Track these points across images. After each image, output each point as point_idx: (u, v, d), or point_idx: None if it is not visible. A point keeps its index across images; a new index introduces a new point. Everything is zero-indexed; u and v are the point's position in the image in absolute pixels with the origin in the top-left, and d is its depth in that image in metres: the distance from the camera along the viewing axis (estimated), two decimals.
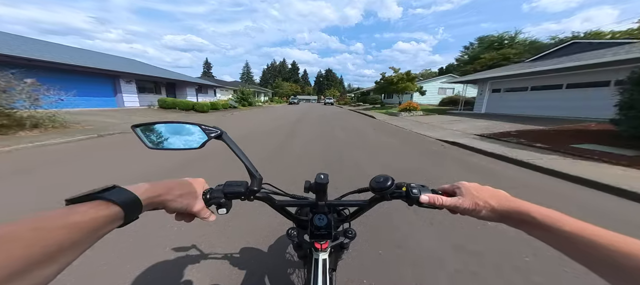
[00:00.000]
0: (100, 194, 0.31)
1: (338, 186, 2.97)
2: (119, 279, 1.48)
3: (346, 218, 0.72)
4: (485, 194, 0.45)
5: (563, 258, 0.36)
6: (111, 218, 0.30)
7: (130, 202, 0.33)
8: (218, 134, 0.53)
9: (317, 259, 0.64)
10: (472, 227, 2.08)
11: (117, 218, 0.31)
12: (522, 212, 0.39)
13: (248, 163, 0.54)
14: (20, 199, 2.58)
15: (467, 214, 0.46)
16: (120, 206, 0.31)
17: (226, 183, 0.54)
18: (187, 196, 0.45)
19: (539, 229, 0.37)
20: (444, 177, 3.57)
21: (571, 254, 0.34)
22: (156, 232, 1.95)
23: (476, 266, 1.65)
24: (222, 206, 0.52)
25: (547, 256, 1.71)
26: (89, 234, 0.27)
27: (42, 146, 5.12)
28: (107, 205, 0.30)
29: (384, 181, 0.53)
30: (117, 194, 0.32)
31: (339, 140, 6.55)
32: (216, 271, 1.57)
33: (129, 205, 0.32)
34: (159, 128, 0.54)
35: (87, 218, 0.27)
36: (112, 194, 0.32)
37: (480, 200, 0.44)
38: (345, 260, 1.65)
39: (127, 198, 0.33)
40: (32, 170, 3.55)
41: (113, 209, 0.31)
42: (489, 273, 1.59)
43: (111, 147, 5.50)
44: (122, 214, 0.32)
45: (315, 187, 0.59)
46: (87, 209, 0.28)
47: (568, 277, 1.55)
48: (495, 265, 1.66)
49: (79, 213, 0.27)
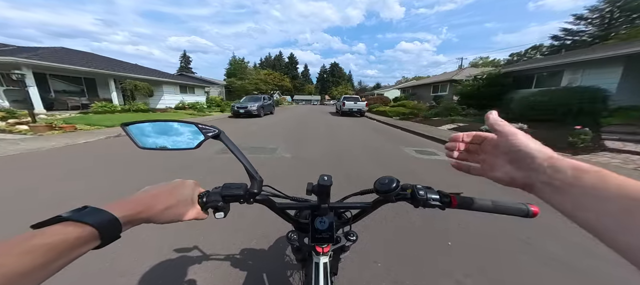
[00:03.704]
0: (70, 215, 0.30)
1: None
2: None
3: (348, 221, 0.70)
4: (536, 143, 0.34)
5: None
6: (83, 239, 0.29)
7: (104, 222, 0.31)
8: (216, 134, 0.51)
9: (317, 263, 0.63)
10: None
11: (90, 239, 0.30)
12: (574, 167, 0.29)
13: (247, 164, 0.53)
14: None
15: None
16: (93, 227, 0.30)
17: (224, 185, 0.52)
18: (177, 206, 0.43)
19: (559, 182, 0.28)
20: None
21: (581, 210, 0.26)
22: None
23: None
24: (219, 210, 0.50)
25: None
26: (57, 256, 0.26)
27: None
28: (77, 226, 0.29)
29: (389, 183, 0.51)
30: (89, 214, 0.31)
31: None
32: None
33: (103, 225, 0.31)
34: (151, 126, 0.51)
35: (54, 240, 0.27)
36: (83, 214, 0.31)
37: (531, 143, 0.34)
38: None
39: (101, 218, 0.31)
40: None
41: (85, 230, 0.29)
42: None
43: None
44: (96, 235, 0.30)
45: (318, 189, 0.57)
46: (55, 231, 0.28)
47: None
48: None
49: (43, 236, 0.27)
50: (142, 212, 0.37)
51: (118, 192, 2.81)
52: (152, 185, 0.44)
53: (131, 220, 0.35)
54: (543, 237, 2.03)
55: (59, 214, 0.30)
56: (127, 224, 0.35)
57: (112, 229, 0.32)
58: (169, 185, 0.45)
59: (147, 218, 0.38)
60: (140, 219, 0.37)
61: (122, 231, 0.34)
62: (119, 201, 0.36)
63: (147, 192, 0.41)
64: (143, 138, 0.51)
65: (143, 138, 0.51)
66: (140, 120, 0.50)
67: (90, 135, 6.55)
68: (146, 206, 0.38)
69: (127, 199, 0.37)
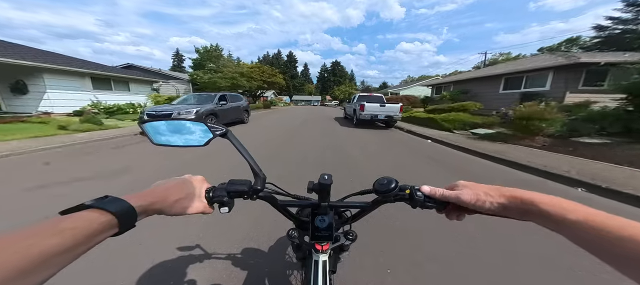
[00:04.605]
0: (93, 203, 0.33)
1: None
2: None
3: (347, 220, 0.72)
4: (484, 187, 0.44)
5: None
6: (105, 225, 0.31)
7: (123, 210, 0.34)
8: (223, 132, 0.54)
9: (317, 261, 0.64)
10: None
11: (110, 226, 0.32)
12: (526, 200, 0.38)
13: (252, 162, 0.54)
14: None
15: (470, 207, 0.44)
16: (113, 214, 0.32)
17: (230, 181, 0.54)
18: (186, 199, 0.46)
19: (545, 218, 0.35)
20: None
21: (580, 242, 0.32)
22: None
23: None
24: (224, 205, 0.52)
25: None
26: (83, 240, 0.28)
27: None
28: (100, 214, 0.32)
29: (387, 183, 0.52)
30: (110, 203, 0.34)
31: None
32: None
33: (122, 213, 0.34)
34: (165, 125, 0.55)
35: (79, 225, 0.29)
36: (105, 203, 0.33)
37: (481, 192, 0.43)
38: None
39: (120, 207, 0.34)
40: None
41: (106, 217, 0.32)
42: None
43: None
44: (115, 222, 0.33)
45: (318, 188, 0.58)
46: (80, 217, 0.30)
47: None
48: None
49: (70, 220, 0.29)
50: (155, 203, 0.40)
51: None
52: (164, 179, 0.47)
53: (145, 210, 0.38)
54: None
55: (83, 202, 0.33)
56: (141, 214, 0.37)
57: (129, 218, 0.35)
58: (179, 180, 0.47)
59: (159, 209, 0.41)
60: (153, 210, 0.40)
61: (137, 221, 0.36)
62: (135, 193, 0.38)
63: (159, 186, 0.44)
64: (157, 136, 0.54)
65: (157, 136, 0.54)
66: (156, 119, 0.54)
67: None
68: (159, 198, 0.41)
69: (142, 191, 0.40)
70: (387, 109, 10.00)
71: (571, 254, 1.71)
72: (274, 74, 35.60)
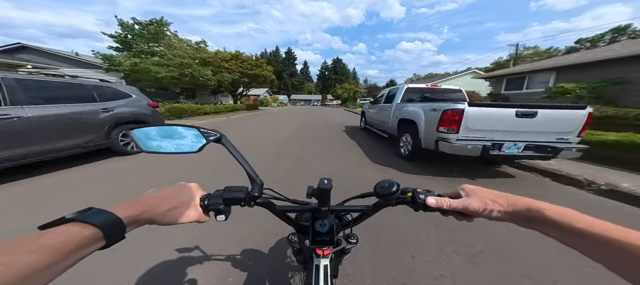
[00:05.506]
0: (74, 216, 0.31)
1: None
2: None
3: (348, 223, 0.71)
4: (491, 194, 0.45)
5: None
6: (88, 239, 0.30)
7: (108, 222, 0.32)
8: (217, 138, 0.52)
9: (318, 265, 0.63)
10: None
11: (95, 239, 0.31)
12: (532, 209, 0.38)
13: (248, 167, 0.53)
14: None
15: (477, 215, 0.44)
16: (97, 227, 0.31)
17: (225, 188, 0.53)
18: (179, 208, 0.44)
19: (551, 227, 0.36)
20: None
21: (585, 251, 0.33)
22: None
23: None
24: (220, 213, 0.50)
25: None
26: (63, 256, 0.27)
27: None
28: (83, 227, 0.30)
29: (389, 186, 0.52)
30: (93, 215, 0.32)
31: None
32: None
33: (107, 226, 0.32)
34: (156, 130, 0.52)
35: (59, 240, 0.27)
36: (87, 215, 0.31)
37: (488, 199, 0.43)
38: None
39: (105, 219, 0.32)
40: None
41: (89, 230, 0.30)
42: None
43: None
44: (100, 235, 0.31)
45: (318, 193, 0.57)
46: (61, 232, 0.29)
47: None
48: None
49: (49, 236, 0.28)
50: (145, 213, 0.38)
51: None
52: (156, 188, 0.45)
53: (135, 220, 0.36)
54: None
55: (64, 216, 0.31)
56: (131, 225, 0.36)
57: (117, 229, 0.33)
58: (172, 188, 0.46)
59: (151, 219, 0.39)
60: (144, 219, 0.38)
61: (126, 232, 0.35)
62: (123, 203, 0.37)
63: (150, 194, 0.42)
64: (148, 141, 0.52)
65: (148, 141, 0.52)
66: (146, 126, 0.52)
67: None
68: (149, 207, 0.39)
69: (131, 200, 0.38)
70: (545, 124, 3.11)
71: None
72: (259, 64, 24.50)
